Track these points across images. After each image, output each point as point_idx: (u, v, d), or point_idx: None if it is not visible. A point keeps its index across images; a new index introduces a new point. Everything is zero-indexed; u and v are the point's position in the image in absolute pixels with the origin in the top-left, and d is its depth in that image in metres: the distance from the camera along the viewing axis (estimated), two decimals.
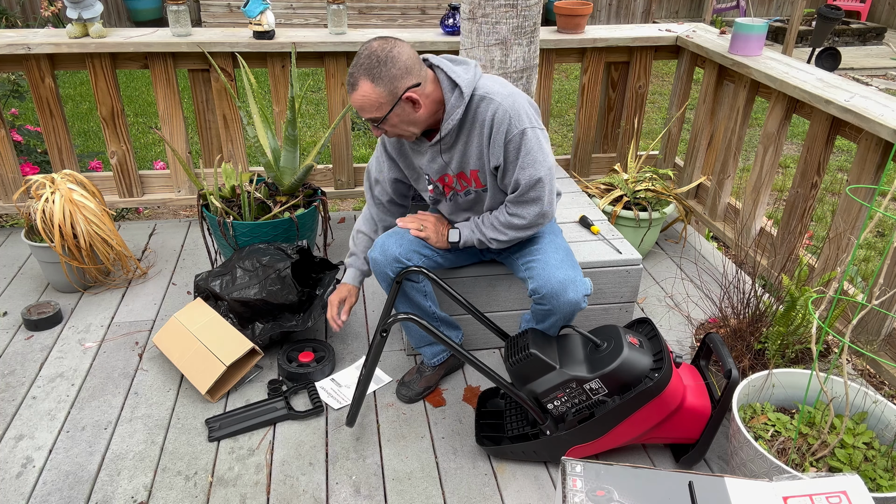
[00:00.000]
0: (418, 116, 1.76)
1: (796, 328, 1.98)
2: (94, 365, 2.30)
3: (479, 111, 1.79)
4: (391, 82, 1.68)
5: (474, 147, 1.83)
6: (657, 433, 1.83)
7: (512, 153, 1.78)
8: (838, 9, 6.45)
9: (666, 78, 7.10)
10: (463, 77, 1.77)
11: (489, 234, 1.93)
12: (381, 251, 1.96)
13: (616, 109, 3.40)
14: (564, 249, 1.96)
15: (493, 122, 1.77)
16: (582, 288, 1.84)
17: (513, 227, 1.89)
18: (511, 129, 1.76)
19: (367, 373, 1.89)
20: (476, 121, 1.80)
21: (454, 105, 1.77)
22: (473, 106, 1.79)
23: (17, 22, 4.90)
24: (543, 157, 1.79)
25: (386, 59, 1.66)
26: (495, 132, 1.77)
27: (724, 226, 3.03)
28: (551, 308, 1.85)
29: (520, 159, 1.78)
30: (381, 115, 1.73)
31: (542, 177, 1.79)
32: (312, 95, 6.25)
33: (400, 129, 1.79)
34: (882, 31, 8.37)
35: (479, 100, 1.78)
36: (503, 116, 1.75)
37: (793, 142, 5.45)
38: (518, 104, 1.77)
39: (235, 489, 1.84)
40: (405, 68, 1.68)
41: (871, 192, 2.25)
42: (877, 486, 1.59)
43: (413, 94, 1.70)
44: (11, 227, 3.22)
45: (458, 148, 1.85)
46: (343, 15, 2.99)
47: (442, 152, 1.87)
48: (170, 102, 2.99)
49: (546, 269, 1.86)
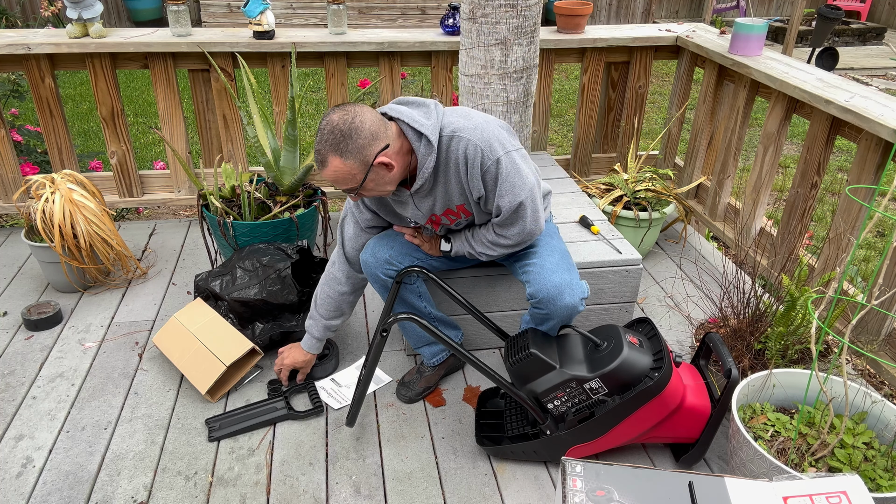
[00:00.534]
0: (392, 176, 1.72)
1: (796, 328, 1.98)
2: (94, 365, 2.30)
3: (450, 151, 1.74)
4: (360, 153, 1.64)
5: (454, 185, 1.80)
6: (657, 433, 1.83)
7: (490, 183, 1.76)
8: (838, 9, 6.45)
9: (666, 78, 7.10)
10: (426, 124, 1.72)
11: (478, 248, 1.93)
12: (371, 254, 1.96)
13: (616, 109, 3.40)
14: (561, 252, 1.94)
15: (466, 159, 1.73)
16: (578, 291, 1.83)
17: (500, 245, 1.89)
18: (485, 161, 1.72)
19: (368, 373, 1.89)
20: (450, 161, 1.76)
21: (424, 154, 1.73)
22: (443, 147, 1.75)
23: (17, 22, 4.90)
24: (521, 180, 1.76)
25: (350, 132, 1.63)
26: (471, 167, 1.74)
27: (724, 226, 3.03)
28: (548, 313, 1.84)
29: (498, 187, 1.75)
30: (357, 185, 1.70)
31: (523, 200, 1.77)
32: (312, 95, 6.26)
33: (377, 192, 1.76)
34: (882, 31, 8.37)
35: (447, 140, 1.74)
36: (474, 151, 1.72)
37: (793, 142, 5.45)
38: (487, 134, 1.73)
39: (235, 489, 1.84)
40: (371, 135, 1.64)
41: (871, 192, 2.25)
42: (877, 486, 1.59)
43: (383, 157, 1.67)
44: (11, 227, 3.22)
45: (438, 190, 1.82)
46: (343, 15, 2.99)
47: (423, 199, 1.84)
48: (170, 102, 2.99)
49: (542, 273, 1.85)
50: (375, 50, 2.95)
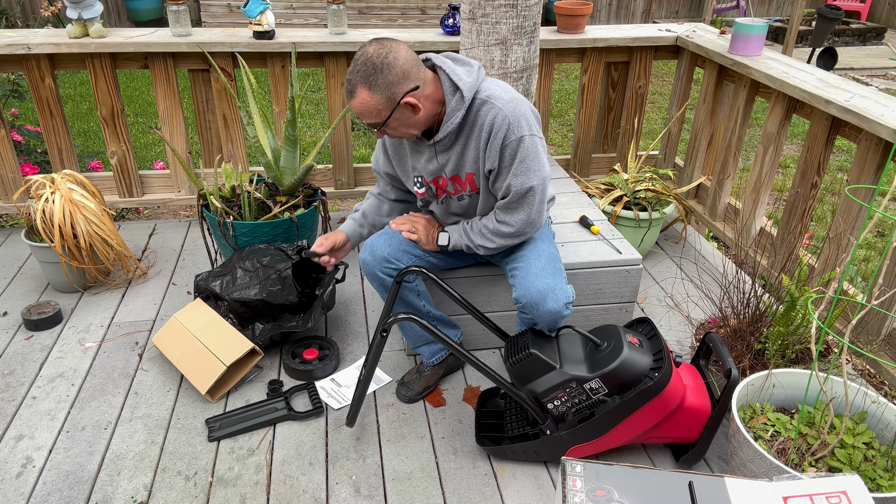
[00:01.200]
0: (418, 119, 1.74)
1: (796, 328, 1.98)
2: (94, 365, 2.30)
3: (479, 114, 1.77)
4: (388, 89, 1.65)
5: (471, 150, 1.81)
6: (657, 433, 1.83)
7: (507, 158, 1.76)
8: (838, 9, 6.45)
9: (666, 78, 7.10)
10: (465, 80, 1.74)
11: (477, 240, 1.91)
12: (370, 252, 1.96)
13: (616, 109, 3.40)
14: (548, 256, 1.92)
15: (492, 127, 1.74)
16: (562, 296, 1.81)
17: (500, 234, 1.87)
18: (509, 135, 1.73)
19: (367, 373, 1.89)
20: (476, 124, 1.78)
21: (454, 108, 1.75)
22: (474, 109, 1.77)
23: (17, 22, 4.90)
24: (539, 165, 1.77)
25: (382, 66, 1.63)
26: (493, 137, 1.75)
27: (724, 226, 3.03)
28: (533, 317, 1.84)
29: (514, 165, 1.76)
30: (381, 121, 1.72)
31: (535, 186, 1.77)
32: (312, 95, 6.25)
33: (400, 132, 1.77)
34: (882, 31, 8.37)
35: (480, 103, 1.76)
36: (503, 122, 1.73)
37: (793, 142, 5.45)
38: (519, 110, 1.75)
39: (235, 489, 1.84)
40: (402, 73, 1.65)
41: (871, 192, 2.25)
42: (877, 486, 1.59)
43: (411, 98, 1.68)
44: (11, 227, 3.22)
45: (455, 150, 1.83)
46: (343, 15, 2.99)
47: (438, 154, 1.86)
48: (170, 102, 2.99)
49: (527, 277, 1.84)
50: None
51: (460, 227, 1.96)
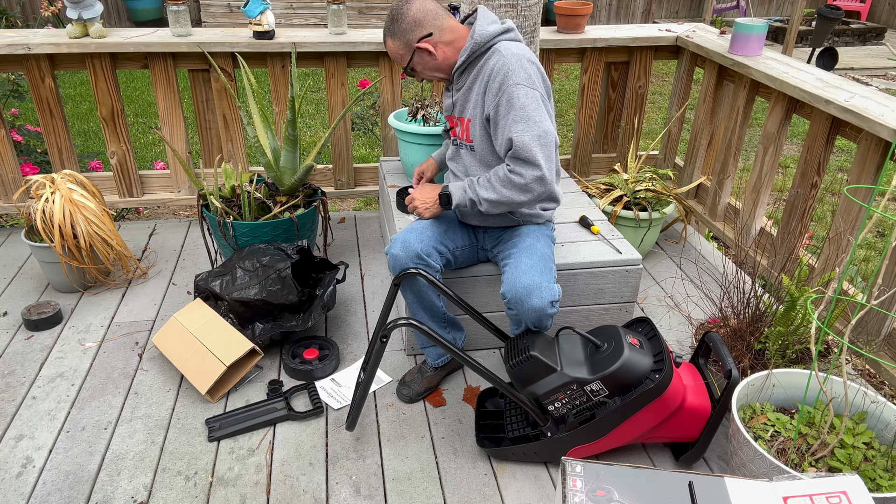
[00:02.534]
0: (440, 63, 1.94)
1: (796, 328, 1.98)
2: (94, 365, 2.30)
3: (487, 62, 1.90)
4: (403, 36, 1.90)
5: (474, 95, 1.94)
6: (657, 433, 1.83)
7: (504, 106, 1.82)
8: (838, 9, 6.45)
9: (666, 78, 7.10)
10: (484, 29, 1.90)
11: (482, 193, 1.89)
12: (402, 247, 1.95)
13: (616, 109, 3.40)
14: (540, 255, 1.92)
15: (491, 72, 1.87)
16: (548, 294, 1.80)
17: (511, 183, 1.83)
18: (506, 81, 1.82)
19: (367, 378, 1.88)
20: (483, 71, 1.91)
21: (464, 49, 1.92)
22: (485, 58, 1.91)
23: (17, 22, 4.90)
24: (541, 116, 1.80)
25: (397, 16, 1.90)
26: (491, 81, 1.87)
27: (724, 226, 3.03)
28: (517, 314, 1.85)
29: (511, 113, 1.81)
30: (405, 65, 1.96)
31: (539, 134, 1.79)
32: (312, 95, 6.25)
33: (426, 75, 1.99)
34: (882, 31, 8.37)
35: (491, 53, 1.90)
36: (501, 67, 1.84)
37: (793, 142, 5.45)
38: (522, 63, 1.84)
39: (235, 489, 1.84)
40: (413, 22, 1.88)
41: (871, 192, 2.25)
42: (877, 486, 1.59)
43: (425, 44, 1.89)
44: (11, 227, 3.22)
45: (462, 92, 2.00)
46: (343, 15, 2.99)
47: (454, 91, 2.03)
48: (170, 102, 2.99)
49: (514, 273, 1.85)
50: (375, 50, 2.95)
51: (464, 182, 1.97)
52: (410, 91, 4.09)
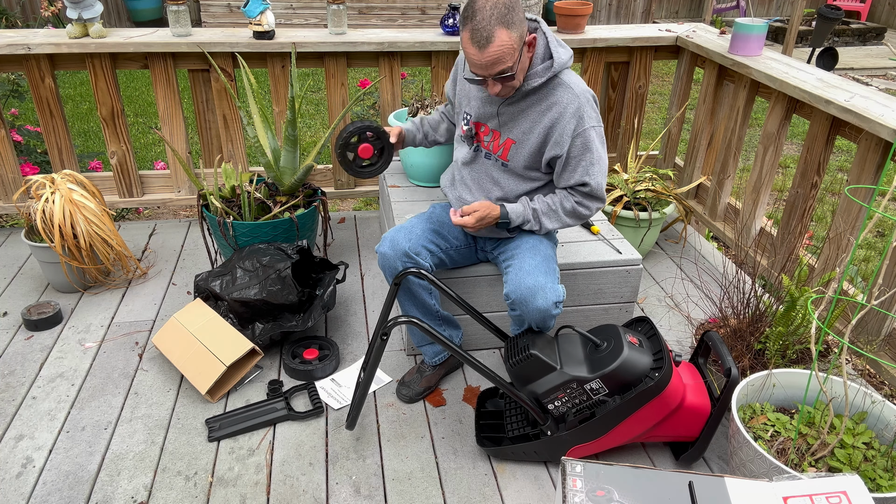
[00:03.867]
0: (525, 64, 1.78)
1: (796, 328, 1.98)
2: (94, 365, 2.30)
3: (555, 94, 1.84)
4: (520, 25, 1.69)
5: (528, 121, 1.88)
6: (657, 432, 1.83)
7: (578, 149, 1.85)
8: (838, 9, 6.45)
9: (666, 78, 7.10)
10: (561, 55, 1.83)
11: (546, 223, 1.96)
12: (390, 245, 1.95)
13: (616, 109, 3.40)
14: (543, 255, 1.93)
15: (564, 111, 1.82)
16: (552, 295, 1.82)
17: (577, 215, 1.95)
18: (581, 124, 1.83)
19: (367, 377, 1.88)
20: (546, 100, 1.85)
21: (539, 72, 1.82)
22: (552, 86, 1.85)
23: (17, 22, 4.90)
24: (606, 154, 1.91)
25: (513, 4, 1.67)
26: (566, 122, 1.83)
27: (724, 226, 3.03)
28: (521, 314, 1.85)
29: (587, 155, 1.85)
30: (514, 63, 1.72)
31: (606, 171, 1.91)
32: (312, 95, 6.26)
33: (517, 79, 1.78)
34: (882, 31, 8.37)
35: (558, 84, 1.84)
36: (577, 109, 1.82)
37: (793, 142, 5.45)
38: (591, 103, 1.86)
39: (235, 489, 1.84)
40: (522, 11, 1.72)
41: (871, 192, 2.25)
42: (877, 486, 1.59)
43: (531, 36, 1.75)
44: (11, 227, 3.22)
45: (512, 110, 1.90)
46: (343, 15, 2.99)
47: (505, 104, 1.90)
48: (170, 102, 2.99)
49: (518, 274, 1.86)
50: (375, 50, 2.95)
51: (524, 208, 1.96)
52: (410, 91, 4.09)
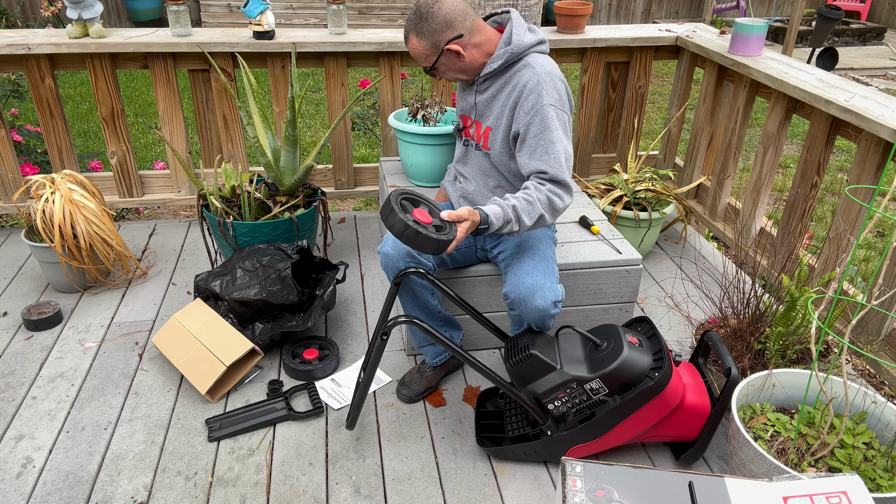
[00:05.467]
0: (465, 65, 1.89)
1: (796, 328, 1.98)
2: (94, 365, 2.30)
3: (519, 74, 1.87)
4: (432, 36, 1.83)
5: (499, 104, 1.92)
6: (657, 431, 1.83)
7: (536, 127, 1.81)
8: (838, 9, 6.45)
9: (666, 78, 7.10)
10: (521, 38, 1.86)
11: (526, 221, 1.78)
12: (393, 245, 1.95)
13: (616, 109, 3.40)
14: (542, 255, 1.92)
15: (524, 87, 1.84)
16: (551, 295, 1.81)
17: (552, 208, 1.81)
18: (540, 101, 1.81)
19: (367, 376, 1.88)
20: (511, 82, 1.89)
21: (498, 56, 1.88)
22: (517, 68, 1.88)
23: (17, 22, 4.90)
24: (567, 139, 1.85)
25: (427, 15, 1.82)
26: (523, 98, 1.84)
27: (724, 226, 3.03)
28: (520, 314, 1.85)
29: (545, 137, 1.80)
30: (430, 65, 1.90)
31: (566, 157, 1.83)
32: (312, 95, 6.26)
33: (450, 76, 1.94)
34: (882, 31, 8.37)
35: (523, 65, 1.87)
36: (535, 85, 1.82)
37: (793, 142, 5.45)
38: (554, 83, 1.84)
39: (235, 489, 1.84)
40: (445, 22, 1.82)
41: (871, 193, 2.25)
42: (877, 486, 1.59)
43: (455, 45, 1.84)
44: (11, 227, 3.22)
45: (486, 96, 1.96)
46: (343, 15, 2.99)
47: (477, 93, 1.99)
48: (170, 102, 2.99)
49: (517, 274, 1.86)
50: (375, 50, 2.95)
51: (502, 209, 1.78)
52: (410, 91, 4.09)
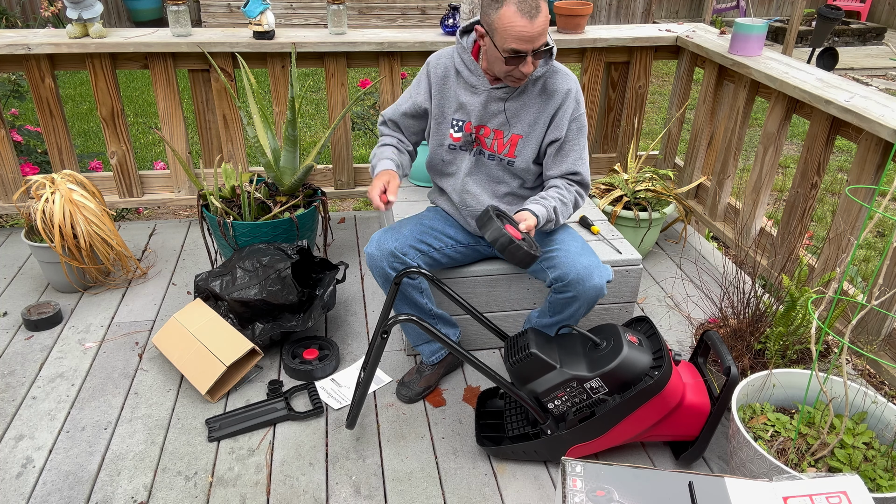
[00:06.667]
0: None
1: (796, 328, 1.98)
2: (94, 365, 2.30)
3: (553, 80, 1.90)
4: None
5: (533, 112, 1.91)
6: (657, 431, 1.83)
7: (573, 133, 1.94)
8: (838, 9, 6.45)
9: (666, 78, 7.10)
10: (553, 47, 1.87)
11: (560, 219, 1.96)
12: (377, 246, 1.96)
13: (616, 109, 3.40)
14: (580, 239, 2.03)
15: (566, 95, 1.90)
16: (605, 274, 1.90)
17: (576, 205, 2.00)
18: (578, 109, 1.93)
19: (368, 375, 1.88)
20: (547, 88, 1.90)
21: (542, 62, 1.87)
22: (548, 73, 1.91)
23: (17, 22, 4.90)
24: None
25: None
26: (566, 104, 1.90)
27: (724, 226, 3.03)
28: (575, 294, 1.88)
29: (579, 143, 1.95)
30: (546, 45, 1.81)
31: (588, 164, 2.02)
32: (312, 95, 6.26)
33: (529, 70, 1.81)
34: (882, 31, 8.37)
35: (553, 71, 1.91)
36: (577, 95, 1.92)
37: (793, 142, 5.45)
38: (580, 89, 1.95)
39: (235, 489, 1.84)
40: None
41: (871, 193, 2.25)
42: (877, 486, 1.59)
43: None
44: (11, 227, 3.22)
45: (516, 105, 1.93)
46: (343, 15, 2.99)
47: (497, 100, 1.92)
48: (170, 102, 2.99)
49: (569, 256, 1.91)
50: (375, 50, 2.95)
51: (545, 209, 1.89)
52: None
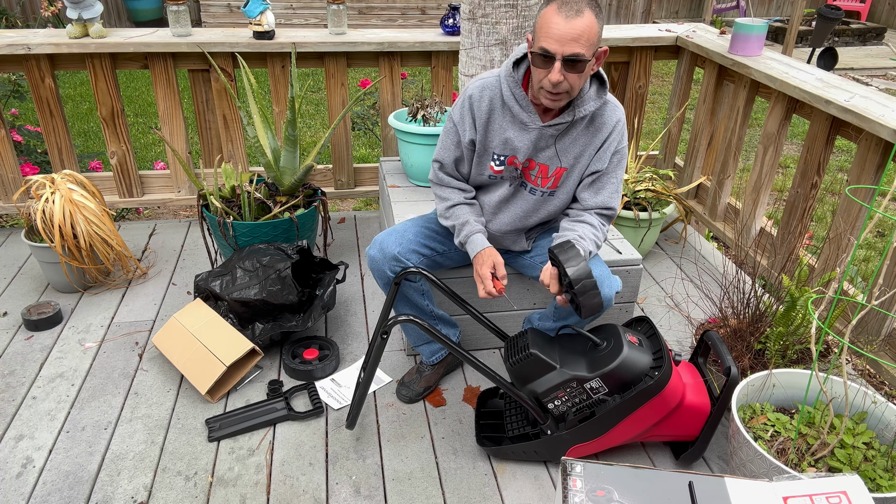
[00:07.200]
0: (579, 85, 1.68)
1: (796, 328, 1.98)
2: (94, 365, 2.30)
3: (603, 112, 1.82)
4: (602, 22, 1.63)
5: (579, 146, 1.84)
6: (657, 431, 1.83)
7: (613, 165, 1.87)
8: (838, 9, 6.45)
9: (666, 78, 7.10)
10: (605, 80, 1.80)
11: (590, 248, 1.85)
12: (379, 249, 1.96)
13: None
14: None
15: (614, 128, 1.82)
16: (615, 285, 1.89)
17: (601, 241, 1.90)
18: (622, 141, 1.86)
19: (368, 375, 1.88)
20: (595, 121, 1.82)
21: (591, 97, 1.78)
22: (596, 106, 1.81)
23: (17, 22, 4.90)
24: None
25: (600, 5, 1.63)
26: (612, 138, 1.83)
27: (724, 226, 3.03)
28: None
29: (616, 176, 1.88)
30: (590, 57, 1.62)
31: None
32: (312, 95, 6.26)
33: (572, 81, 1.65)
34: (882, 31, 8.37)
35: (605, 102, 1.82)
36: (623, 128, 1.85)
37: (793, 142, 5.45)
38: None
39: (235, 489, 1.84)
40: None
41: (871, 193, 2.25)
42: (877, 486, 1.59)
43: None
44: (11, 227, 3.22)
45: (566, 140, 1.83)
46: (343, 15, 2.99)
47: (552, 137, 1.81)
48: (170, 102, 2.99)
49: None
50: (375, 50, 2.95)
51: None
52: (410, 91, 4.09)
